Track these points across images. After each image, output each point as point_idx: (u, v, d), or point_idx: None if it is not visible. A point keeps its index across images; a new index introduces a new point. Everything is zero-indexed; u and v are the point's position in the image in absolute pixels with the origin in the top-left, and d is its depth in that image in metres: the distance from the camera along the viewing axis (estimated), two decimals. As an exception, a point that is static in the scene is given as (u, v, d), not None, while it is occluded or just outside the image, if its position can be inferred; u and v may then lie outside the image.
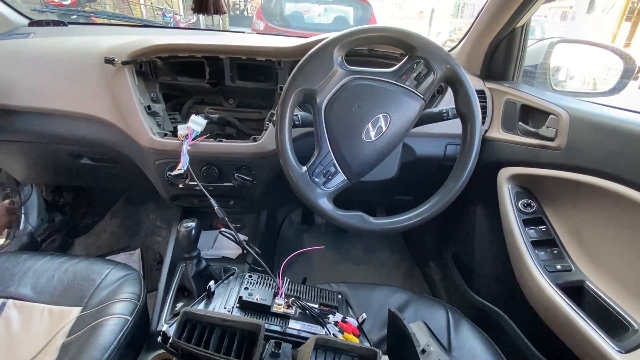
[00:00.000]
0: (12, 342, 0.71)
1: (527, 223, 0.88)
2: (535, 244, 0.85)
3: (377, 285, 0.90)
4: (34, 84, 0.97)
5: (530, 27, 0.99)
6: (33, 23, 1.22)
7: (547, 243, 0.85)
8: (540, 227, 0.87)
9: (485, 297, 1.09)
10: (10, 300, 0.76)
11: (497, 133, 0.98)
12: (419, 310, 0.83)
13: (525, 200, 0.90)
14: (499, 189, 0.94)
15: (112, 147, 0.99)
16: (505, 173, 0.94)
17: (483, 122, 1.00)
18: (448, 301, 0.91)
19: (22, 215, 1.36)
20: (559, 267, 0.80)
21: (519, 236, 0.86)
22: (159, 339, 0.60)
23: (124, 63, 0.91)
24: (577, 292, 0.76)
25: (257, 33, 2.22)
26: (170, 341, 0.56)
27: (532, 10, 0.89)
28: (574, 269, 0.80)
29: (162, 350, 0.79)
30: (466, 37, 1.07)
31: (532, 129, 0.88)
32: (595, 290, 0.74)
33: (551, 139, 0.82)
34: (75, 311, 0.76)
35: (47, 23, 1.23)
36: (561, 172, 0.80)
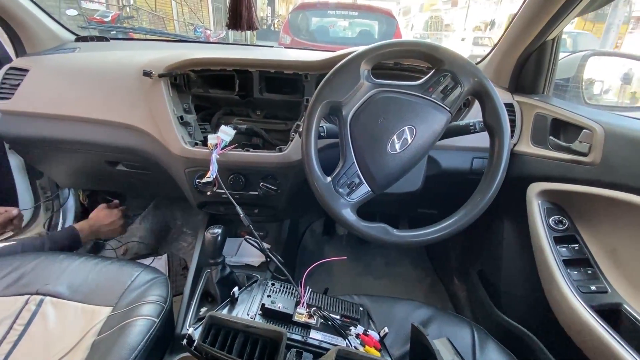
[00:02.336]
0: (48, 338, 0.74)
1: (558, 241, 0.85)
2: (568, 263, 0.81)
3: (400, 299, 0.89)
4: (78, 95, 1.04)
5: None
6: (79, 39, 1.32)
7: (580, 262, 0.81)
8: (573, 245, 0.83)
9: (513, 316, 1.05)
10: (48, 298, 0.80)
11: (527, 147, 0.96)
12: (443, 327, 0.81)
13: (556, 217, 0.87)
14: (529, 205, 0.92)
15: (146, 155, 1.03)
16: (535, 188, 0.91)
17: (512, 136, 0.98)
18: (473, 319, 0.88)
19: (60, 218, 1.45)
20: (593, 288, 0.76)
21: (550, 254, 0.83)
22: (185, 341, 0.61)
23: (160, 76, 0.96)
24: (613, 315, 0.72)
25: (284, 47, 2.29)
26: (195, 344, 0.57)
27: (564, 23, 0.88)
28: (610, 290, 0.76)
29: (185, 354, 0.80)
30: (494, 49, 1.07)
31: (564, 144, 0.85)
32: (634, 313, 0.70)
33: (585, 154, 0.79)
34: (106, 311, 0.78)
35: (91, 39, 1.32)
36: (595, 188, 0.77)
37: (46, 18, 1.23)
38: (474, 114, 0.97)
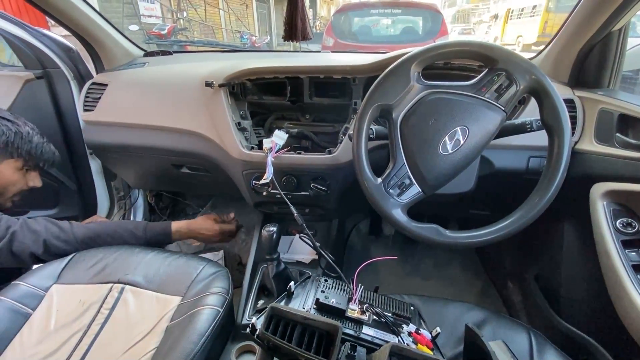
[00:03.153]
0: (129, 321, 0.84)
1: (627, 245, 0.79)
2: (638, 269, 0.76)
3: (451, 300, 0.89)
4: (149, 105, 1.16)
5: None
6: (147, 54, 1.46)
7: (653, 268, 0.75)
8: None
9: (575, 324, 0.99)
10: (128, 286, 0.91)
11: (590, 145, 0.90)
12: (497, 331, 0.80)
13: (624, 220, 0.81)
14: (592, 206, 0.86)
15: (208, 159, 1.12)
16: (599, 189, 0.86)
17: (572, 134, 0.93)
18: (529, 324, 0.85)
19: (132, 215, 1.61)
20: None
21: (617, 259, 0.78)
22: (248, 330, 0.66)
23: (221, 86, 1.04)
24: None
25: (330, 50, 2.33)
26: (257, 333, 0.62)
27: (632, 12, 0.82)
28: (689, 300, 0.70)
29: (245, 342, 0.87)
30: (552, 43, 1.01)
31: (634, 141, 0.80)
32: None
33: (658, 152, 0.74)
34: (176, 300, 0.87)
35: (157, 53, 1.46)
36: None
37: (120, 37, 1.37)
38: (530, 111, 0.93)
